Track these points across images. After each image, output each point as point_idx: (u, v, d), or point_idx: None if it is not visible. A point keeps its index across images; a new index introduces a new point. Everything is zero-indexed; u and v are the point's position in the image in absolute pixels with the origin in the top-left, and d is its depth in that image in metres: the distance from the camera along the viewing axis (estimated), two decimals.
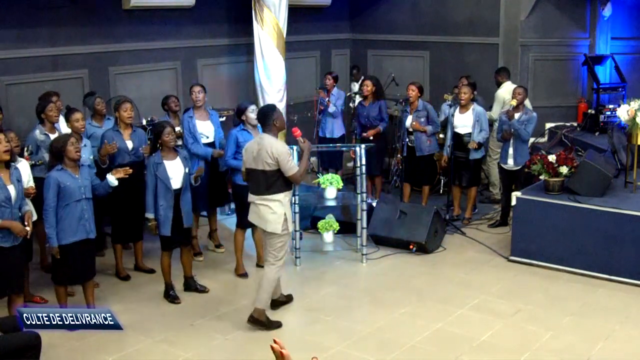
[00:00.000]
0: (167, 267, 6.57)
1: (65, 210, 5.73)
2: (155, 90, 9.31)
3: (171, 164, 6.37)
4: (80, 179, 5.81)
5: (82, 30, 8.74)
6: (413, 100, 8.63)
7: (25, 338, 4.92)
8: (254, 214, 6.01)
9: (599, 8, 10.56)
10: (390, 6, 11.75)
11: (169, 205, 6.35)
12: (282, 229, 5.86)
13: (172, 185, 6.33)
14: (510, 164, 8.16)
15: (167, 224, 6.36)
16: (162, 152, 6.36)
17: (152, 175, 6.32)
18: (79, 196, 5.77)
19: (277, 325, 6.01)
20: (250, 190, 5.98)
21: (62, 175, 5.72)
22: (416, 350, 5.64)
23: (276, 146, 5.79)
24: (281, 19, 9.60)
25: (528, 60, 10.66)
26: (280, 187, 5.83)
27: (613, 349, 5.62)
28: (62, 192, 5.70)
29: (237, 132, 6.95)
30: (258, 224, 6.01)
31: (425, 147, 8.64)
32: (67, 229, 5.75)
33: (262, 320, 5.93)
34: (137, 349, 5.69)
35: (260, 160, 5.81)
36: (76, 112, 6.74)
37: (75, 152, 5.77)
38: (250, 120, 6.93)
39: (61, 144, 5.76)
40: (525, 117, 8.03)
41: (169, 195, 6.34)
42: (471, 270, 7.31)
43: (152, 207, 6.34)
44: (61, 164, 5.76)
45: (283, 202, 5.86)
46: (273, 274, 6.00)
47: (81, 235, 5.84)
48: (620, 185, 7.58)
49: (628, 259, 6.79)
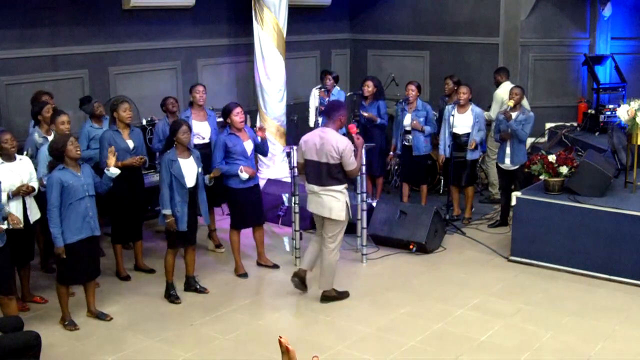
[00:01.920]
0: (170, 266, 6.58)
1: (69, 209, 5.75)
2: (155, 90, 9.31)
3: (185, 162, 6.40)
4: (82, 177, 5.83)
5: (82, 30, 8.74)
6: (412, 99, 8.64)
7: (25, 338, 4.93)
8: (314, 204, 6.37)
9: (599, 8, 10.56)
10: (390, 6, 11.75)
11: (184, 201, 6.39)
12: (345, 215, 6.32)
13: (187, 183, 6.37)
14: (507, 164, 8.16)
15: (184, 219, 6.39)
16: (176, 150, 6.39)
17: (167, 172, 6.33)
18: (82, 194, 5.79)
19: (346, 295, 6.58)
20: (311, 180, 6.32)
21: (64, 174, 5.74)
22: (416, 350, 5.64)
23: (341, 141, 6.18)
24: (281, 19, 9.61)
25: (528, 60, 10.66)
26: (342, 179, 6.28)
27: (613, 349, 5.62)
28: (65, 190, 5.72)
29: (225, 137, 6.89)
30: (320, 212, 6.35)
31: (422, 146, 8.65)
32: (72, 227, 5.77)
33: (333, 295, 6.49)
34: (137, 349, 5.68)
35: (323, 153, 6.19)
36: (62, 114, 6.67)
37: (76, 151, 5.80)
38: (235, 124, 6.89)
39: (61, 144, 5.78)
40: (523, 117, 8.03)
41: (183, 192, 6.37)
42: (471, 270, 7.31)
43: (169, 203, 6.35)
44: (62, 163, 5.78)
45: (344, 192, 6.31)
46: (333, 257, 6.43)
47: (86, 232, 5.86)
48: (620, 185, 7.57)
49: (628, 259, 6.79)
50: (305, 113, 10.03)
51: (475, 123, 8.35)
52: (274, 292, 6.86)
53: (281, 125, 9.93)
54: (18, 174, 6.05)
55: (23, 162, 6.16)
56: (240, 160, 6.89)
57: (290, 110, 10.24)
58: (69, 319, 6.03)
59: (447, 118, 8.47)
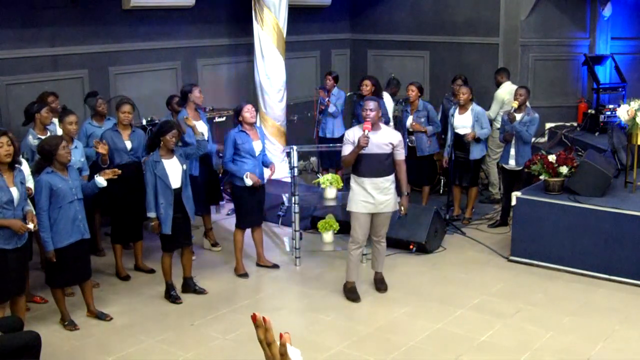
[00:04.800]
0: (167, 268, 6.56)
1: (59, 213, 5.68)
2: (155, 90, 9.31)
3: (169, 162, 6.36)
4: (70, 180, 5.76)
5: (82, 30, 8.74)
6: (413, 100, 8.63)
7: (25, 338, 4.93)
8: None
9: (599, 8, 10.55)
10: (390, 6, 11.75)
11: (169, 203, 6.33)
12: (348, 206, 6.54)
13: (171, 183, 6.33)
14: (512, 165, 8.16)
15: (168, 222, 6.34)
16: (160, 151, 6.35)
17: (152, 173, 6.29)
18: (72, 197, 5.73)
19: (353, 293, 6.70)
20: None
21: (52, 178, 5.65)
22: (416, 350, 5.64)
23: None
24: (281, 19, 9.60)
25: (528, 60, 10.66)
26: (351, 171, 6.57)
27: (613, 349, 5.62)
28: (55, 194, 5.63)
29: (235, 133, 6.91)
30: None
31: (426, 147, 8.64)
32: (62, 231, 5.71)
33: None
34: (137, 349, 5.69)
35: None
36: (71, 114, 6.65)
37: (67, 156, 5.71)
38: (246, 120, 6.91)
39: (53, 147, 5.66)
40: (528, 118, 8.02)
41: (168, 193, 6.32)
42: (471, 270, 7.31)
43: (154, 206, 6.32)
44: (50, 166, 5.69)
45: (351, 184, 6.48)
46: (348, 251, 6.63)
47: (76, 236, 5.81)
48: (620, 185, 7.57)
49: (628, 259, 6.79)
50: (306, 113, 10.04)
51: (475, 122, 8.34)
52: (274, 292, 6.86)
53: (281, 125, 9.92)
54: None
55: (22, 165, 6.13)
56: (247, 158, 6.89)
57: (290, 110, 10.24)
58: (69, 319, 6.03)
59: (448, 118, 8.49)
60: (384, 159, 6.27)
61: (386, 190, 6.33)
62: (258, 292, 6.92)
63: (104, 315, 6.20)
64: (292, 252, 7.60)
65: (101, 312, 6.22)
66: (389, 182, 6.36)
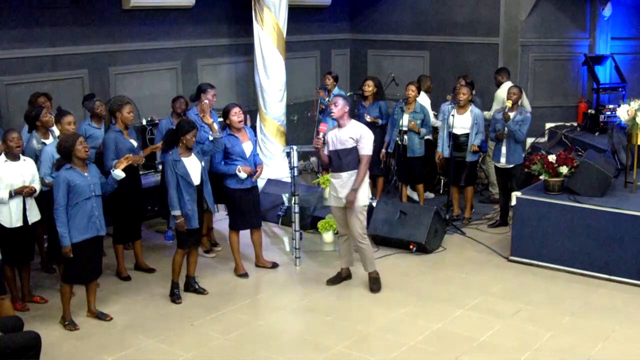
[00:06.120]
0: (178, 267, 6.58)
1: (76, 209, 5.76)
2: (155, 90, 9.32)
3: (188, 160, 6.42)
4: (89, 177, 5.85)
5: (82, 30, 8.74)
6: (412, 100, 8.63)
7: (25, 338, 4.93)
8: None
9: (599, 8, 10.56)
10: (390, 6, 11.75)
11: (193, 199, 6.41)
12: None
13: (193, 181, 6.38)
14: (502, 162, 8.17)
15: (195, 217, 6.42)
16: (179, 150, 6.39)
17: (173, 172, 6.33)
18: (89, 194, 5.81)
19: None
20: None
21: (71, 174, 5.75)
22: (416, 350, 5.64)
23: None
24: (281, 19, 9.60)
25: (528, 60, 10.66)
26: None
27: (613, 349, 5.62)
28: (72, 190, 5.73)
29: (224, 138, 6.88)
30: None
31: (417, 148, 8.64)
32: (78, 226, 5.79)
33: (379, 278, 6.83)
34: (137, 349, 5.69)
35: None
36: (68, 114, 6.63)
37: (85, 151, 5.82)
38: (234, 124, 6.91)
39: (70, 143, 5.78)
40: (520, 117, 8.02)
41: (191, 190, 6.39)
42: (471, 270, 7.31)
43: (178, 204, 6.36)
44: (69, 162, 5.79)
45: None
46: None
47: (92, 232, 5.89)
48: (620, 185, 7.57)
49: (628, 259, 6.79)
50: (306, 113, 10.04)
51: (474, 125, 8.34)
52: (274, 292, 6.86)
53: (281, 125, 9.92)
54: (21, 174, 6.07)
55: (27, 163, 6.17)
56: (238, 161, 6.90)
57: (290, 110, 10.24)
58: (69, 319, 6.03)
59: (447, 118, 8.46)
60: (345, 154, 6.50)
61: (350, 185, 6.52)
62: (258, 292, 6.92)
63: (104, 315, 6.20)
64: (292, 252, 7.60)
65: (101, 312, 6.23)
66: (354, 177, 6.50)
